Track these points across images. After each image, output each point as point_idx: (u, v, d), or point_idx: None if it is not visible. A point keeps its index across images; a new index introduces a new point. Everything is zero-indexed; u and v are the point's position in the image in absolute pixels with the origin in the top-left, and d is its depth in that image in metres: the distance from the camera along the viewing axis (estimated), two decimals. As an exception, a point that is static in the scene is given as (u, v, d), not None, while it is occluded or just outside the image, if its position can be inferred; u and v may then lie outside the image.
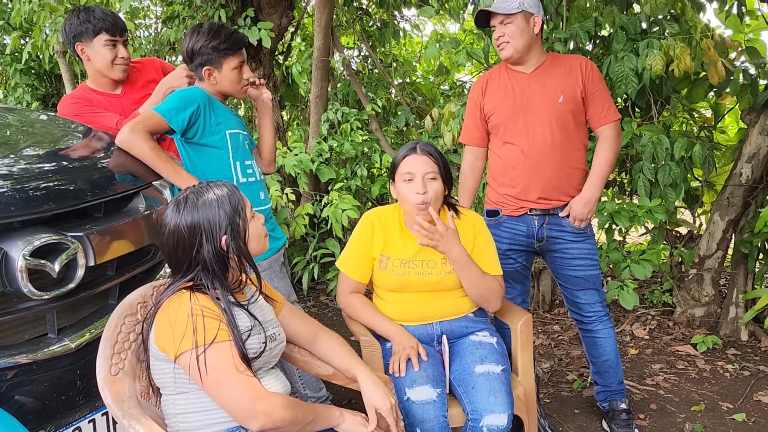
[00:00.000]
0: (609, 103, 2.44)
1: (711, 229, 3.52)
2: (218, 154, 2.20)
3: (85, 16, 2.47)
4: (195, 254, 1.46)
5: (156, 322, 1.45)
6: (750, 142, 3.32)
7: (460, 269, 1.97)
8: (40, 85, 6.57)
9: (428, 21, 5.60)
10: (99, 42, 2.47)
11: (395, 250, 2.05)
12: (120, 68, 2.53)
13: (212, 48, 2.16)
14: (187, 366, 1.38)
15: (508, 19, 2.34)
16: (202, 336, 1.37)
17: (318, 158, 4.22)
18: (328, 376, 1.81)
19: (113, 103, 2.55)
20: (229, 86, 2.24)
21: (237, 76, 2.23)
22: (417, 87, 5.16)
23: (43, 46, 4.82)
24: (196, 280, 1.47)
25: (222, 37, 2.17)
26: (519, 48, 2.36)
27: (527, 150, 2.39)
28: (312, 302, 4.41)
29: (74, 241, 1.54)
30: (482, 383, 1.86)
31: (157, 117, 2.05)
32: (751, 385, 2.96)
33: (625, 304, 3.08)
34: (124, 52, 2.53)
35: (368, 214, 2.11)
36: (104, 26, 2.47)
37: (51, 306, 1.53)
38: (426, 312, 2.06)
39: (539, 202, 2.42)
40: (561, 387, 3.03)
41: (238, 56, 2.22)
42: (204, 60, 2.18)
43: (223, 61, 2.19)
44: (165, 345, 1.40)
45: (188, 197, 1.49)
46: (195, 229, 1.45)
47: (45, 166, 1.72)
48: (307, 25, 5.67)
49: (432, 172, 1.95)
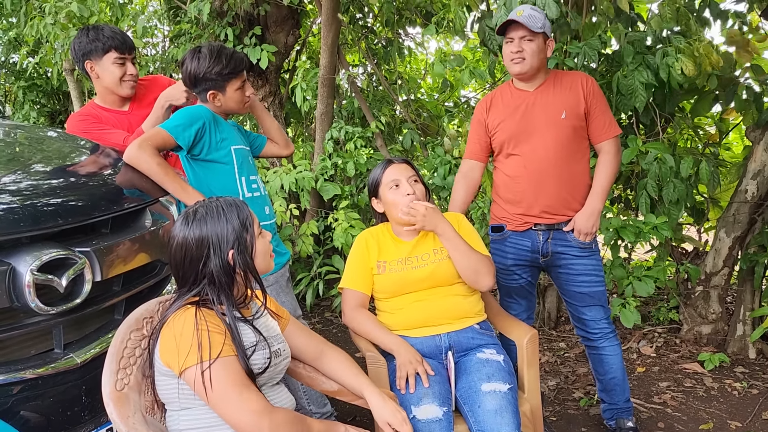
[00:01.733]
0: (610, 118, 2.47)
1: (717, 246, 3.51)
2: (224, 169, 2.22)
3: (94, 34, 2.51)
4: (202, 267, 1.46)
5: (161, 337, 1.45)
6: (755, 159, 3.32)
7: (448, 242, 2.05)
8: (47, 102, 6.64)
9: (432, 39, 5.64)
10: (108, 60, 2.51)
11: (390, 254, 2.13)
12: (128, 85, 2.56)
13: (216, 74, 2.18)
14: (192, 381, 1.38)
15: (531, 37, 2.35)
16: (207, 351, 1.37)
17: (322, 175, 4.24)
18: (333, 392, 1.80)
19: (121, 120, 2.58)
20: (234, 106, 2.28)
21: (240, 95, 2.27)
22: (422, 104, 5.19)
23: (51, 63, 4.88)
24: (202, 295, 1.48)
25: (224, 62, 2.18)
26: (534, 66, 2.38)
27: (531, 166, 2.41)
28: (317, 319, 4.40)
29: (81, 256, 1.55)
30: (489, 402, 1.85)
31: (163, 134, 2.08)
32: (759, 403, 2.93)
33: (626, 322, 3.07)
34: (132, 69, 2.57)
35: (360, 234, 2.23)
36: (113, 44, 2.50)
37: (57, 321, 1.53)
38: (429, 315, 2.06)
39: (543, 216, 2.42)
40: (567, 405, 3.00)
41: (241, 77, 2.25)
42: (208, 86, 2.21)
43: (227, 85, 2.22)
44: (170, 360, 1.41)
45: (197, 211, 1.50)
46: (203, 242, 1.46)
47: (53, 182, 1.74)
48: (313, 43, 5.72)
49: (414, 176, 2.12)
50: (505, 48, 2.42)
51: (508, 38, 2.40)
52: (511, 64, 2.40)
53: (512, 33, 2.38)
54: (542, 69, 2.44)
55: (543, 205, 2.41)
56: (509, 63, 2.41)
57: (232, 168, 2.23)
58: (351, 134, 4.28)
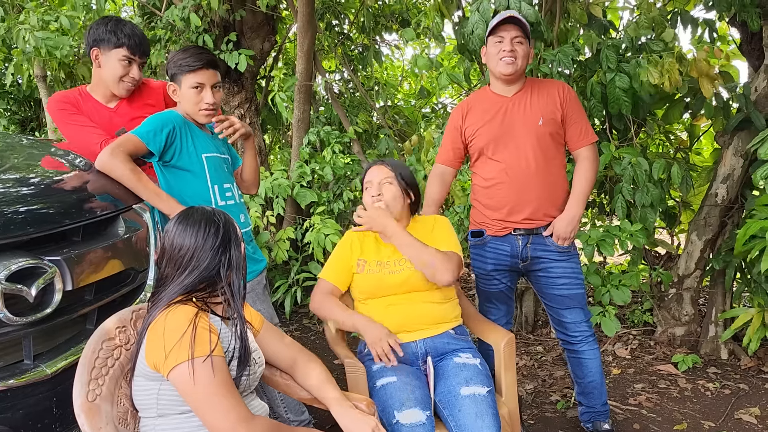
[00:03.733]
0: (586, 125, 2.50)
1: (689, 249, 3.57)
2: (195, 177, 2.18)
3: (114, 26, 2.45)
4: (192, 269, 1.47)
5: (148, 337, 1.44)
6: (724, 164, 3.39)
7: (397, 241, 2.05)
8: (18, 109, 6.53)
9: (408, 45, 5.68)
10: (116, 55, 2.45)
11: (371, 254, 2.16)
12: (125, 86, 2.51)
13: (175, 63, 2.15)
14: (180, 379, 1.37)
15: (522, 39, 2.37)
16: (199, 347, 1.37)
17: (299, 182, 4.22)
18: (309, 399, 1.79)
19: (103, 116, 2.50)
20: (188, 106, 2.19)
21: (195, 96, 2.16)
22: (399, 110, 5.21)
23: (23, 70, 4.79)
24: (188, 295, 1.48)
25: (187, 54, 2.15)
26: (522, 68, 2.40)
27: (511, 171, 2.42)
28: (295, 326, 4.38)
29: (51, 265, 1.52)
30: (468, 406, 1.86)
31: (134, 139, 2.05)
32: (731, 403, 2.98)
33: (607, 331, 3.12)
34: (136, 73, 2.51)
35: (348, 232, 2.26)
36: (128, 43, 2.45)
37: (27, 331, 1.50)
38: (404, 320, 2.08)
39: (524, 222, 2.44)
40: (545, 408, 3.02)
41: (198, 75, 2.15)
42: (171, 74, 2.18)
43: (183, 78, 2.15)
44: (157, 360, 1.39)
45: (191, 214, 1.53)
46: (196, 243, 1.48)
47: (22, 190, 1.71)
48: (289, 49, 5.71)
49: (388, 177, 2.13)
50: (494, 48, 2.39)
51: (499, 37, 2.38)
52: (502, 64, 2.37)
53: (504, 32, 2.37)
54: (523, 74, 2.47)
55: (525, 210, 2.42)
56: (498, 62, 2.38)
57: (204, 176, 2.19)
58: (328, 138, 4.27)
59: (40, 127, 6.55)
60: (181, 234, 1.49)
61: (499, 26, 2.38)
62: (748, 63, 3.66)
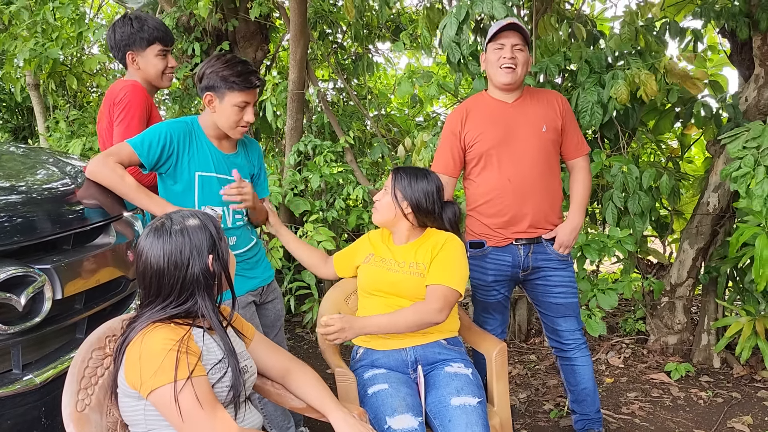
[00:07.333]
0: (581, 136, 2.53)
1: (681, 257, 3.58)
2: (183, 194, 2.09)
3: (138, 24, 2.45)
4: (183, 275, 1.43)
5: (126, 357, 1.41)
6: (716, 172, 3.41)
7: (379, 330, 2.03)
8: (10, 117, 6.50)
9: (402, 54, 5.70)
10: (152, 52, 2.47)
11: (380, 251, 2.20)
12: (169, 78, 2.54)
13: (221, 77, 2.01)
14: (160, 402, 1.35)
15: (522, 46, 2.36)
16: (179, 371, 1.34)
17: (292, 190, 4.21)
18: (301, 409, 1.78)
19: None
20: (223, 120, 2.08)
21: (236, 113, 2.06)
22: (392, 119, 5.22)
23: (15, 79, 4.77)
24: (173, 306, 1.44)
25: (237, 70, 2.01)
26: (521, 76, 2.39)
27: (515, 178, 2.39)
28: (288, 335, 4.36)
29: (41, 273, 1.51)
30: (459, 416, 1.85)
31: (128, 150, 2.01)
32: (724, 412, 2.98)
33: (592, 331, 3.12)
34: (173, 62, 2.55)
35: (372, 231, 2.35)
36: (158, 36, 2.46)
37: (16, 340, 1.49)
38: None
39: (528, 230, 2.43)
40: (538, 417, 3.01)
41: (247, 95, 2.05)
42: (210, 85, 2.04)
43: (228, 94, 2.03)
44: (135, 381, 1.37)
45: (165, 222, 1.46)
46: (182, 250, 1.43)
47: (12, 198, 1.70)
48: (283, 58, 5.72)
49: (388, 185, 2.15)
50: (494, 54, 2.37)
51: (499, 44, 2.36)
52: (501, 73, 2.35)
53: (504, 39, 2.35)
54: (522, 82, 2.46)
55: (529, 218, 2.41)
56: (498, 70, 2.36)
57: (192, 194, 2.09)
58: (320, 148, 4.27)
59: (33, 135, 6.53)
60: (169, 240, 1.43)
61: (500, 33, 2.35)
62: (739, 73, 3.69)
